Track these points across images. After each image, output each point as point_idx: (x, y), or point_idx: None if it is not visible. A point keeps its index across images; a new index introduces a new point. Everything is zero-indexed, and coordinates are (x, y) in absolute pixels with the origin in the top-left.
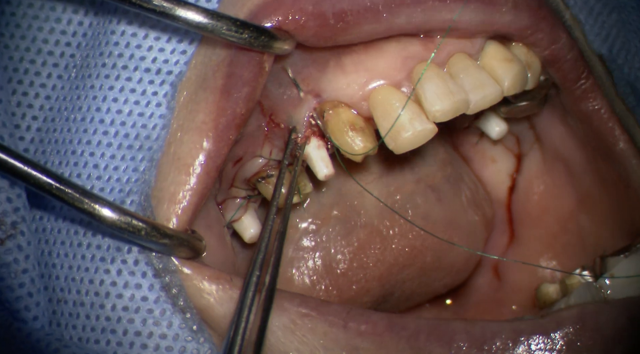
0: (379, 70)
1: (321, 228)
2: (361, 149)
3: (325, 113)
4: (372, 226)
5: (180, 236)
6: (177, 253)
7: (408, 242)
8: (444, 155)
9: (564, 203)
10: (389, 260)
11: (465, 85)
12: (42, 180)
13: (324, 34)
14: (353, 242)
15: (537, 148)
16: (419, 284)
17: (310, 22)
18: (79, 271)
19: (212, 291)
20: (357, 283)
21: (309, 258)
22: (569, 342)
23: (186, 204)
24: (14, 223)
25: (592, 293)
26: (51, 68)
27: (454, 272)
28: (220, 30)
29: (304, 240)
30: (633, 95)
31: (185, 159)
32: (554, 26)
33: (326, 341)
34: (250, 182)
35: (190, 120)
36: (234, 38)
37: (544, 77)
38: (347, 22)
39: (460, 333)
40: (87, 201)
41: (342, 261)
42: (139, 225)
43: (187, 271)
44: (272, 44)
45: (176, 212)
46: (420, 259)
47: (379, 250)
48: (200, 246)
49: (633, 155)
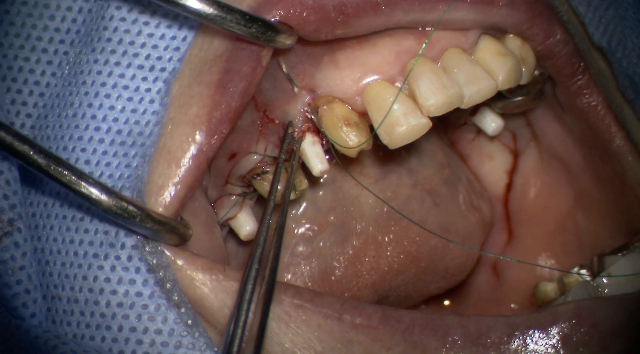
0: (373, 65)
1: (318, 235)
2: (355, 144)
3: (320, 108)
4: (368, 234)
5: (171, 223)
6: (167, 239)
7: (403, 249)
8: (442, 157)
9: (561, 201)
10: (382, 267)
11: (459, 79)
12: (40, 161)
13: (325, 27)
14: (348, 250)
15: (533, 145)
16: (413, 288)
17: (311, 16)
18: (72, 268)
19: (205, 281)
20: (349, 290)
21: (305, 264)
22: (564, 337)
23: (173, 195)
24: (10, 220)
25: (589, 291)
26: (45, 66)
27: (448, 276)
28: (227, 23)
29: (300, 246)
30: (632, 88)
31: (175, 152)
32: (549, 21)
33: (320, 333)
34: (246, 179)
35: (182, 113)
36: (240, 31)
37: (538, 71)
38: (347, 15)
39: (455, 326)
40: (83, 185)
41: (337, 269)
42: (134, 211)
43: (179, 262)
44: (276, 39)
45: (164, 203)
46: (415, 265)
47: (373, 258)
48: (187, 233)
49: (629, 152)
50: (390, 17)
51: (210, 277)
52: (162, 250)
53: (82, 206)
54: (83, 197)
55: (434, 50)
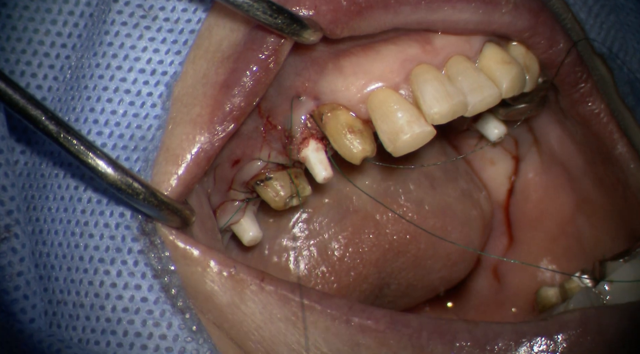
0: (377, 73)
1: (313, 216)
2: (360, 152)
3: (324, 115)
4: (365, 212)
5: (174, 204)
6: (169, 221)
7: (402, 227)
8: (438, 147)
9: (563, 206)
10: (383, 245)
11: (463, 87)
12: (51, 127)
13: (340, 18)
14: (347, 227)
15: (535, 151)
16: (415, 275)
17: (323, 7)
18: (78, 273)
19: (215, 277)
20: (355, 269)
21: (304, 247)
22: (571, 344)
23: (169, 191)
24: (7, 226)
25: (591, 298)
26: (47, 70)
27: (450, 263)
28: (254, 10)
29: (296, 229)
30: (632, 95)
31: (174, 150)
32: (553, 30)
33: (327, 335)
34: (249, 185)
35: (184, 113)
36: (266, 20)
37: (542, 79)
38: (359, 5)
39: (463, 332)
40: (91, 156)
41: (337, 248)
42: (138, 188)
43: (195, 253)
44: (302, 33)
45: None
46: (415, 245)
47: (373, 234)
48: (189, 216)
49: (631, 159)
50: (397, 14)
51: (221, 273)
52: (175, 242)
53: (87, 211)
54: (89, 168)
55: (439, 58)
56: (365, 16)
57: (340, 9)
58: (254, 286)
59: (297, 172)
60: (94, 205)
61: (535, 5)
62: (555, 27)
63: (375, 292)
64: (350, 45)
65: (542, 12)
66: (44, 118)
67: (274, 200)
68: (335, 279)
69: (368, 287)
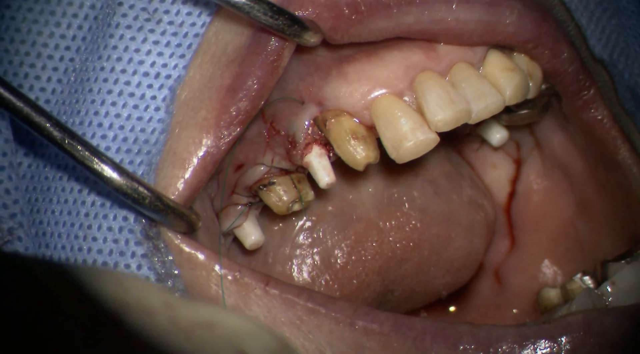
0: (381, 79)
1: (317, 224)
2: (363, 158)
3: (327, 121)
4: (369, 219)
5: (180, 209)
6: (175, 226)
7: (405, 235)
8: (443, 153)
9: (564, 209)
10: (386, 252)
11: (467, 94)
12: (55, 133)
13: (340, 25)
14: (350, 235)
15: (536, 154)
16: (418, 282)
17: (325, 14)
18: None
19: (219, 282)
20: (357, 277)
21: (307, 255)
22: (574, 347)
23: (176, 196)
24: (10, 229)
25: (593, 300)
26: (51, 72)
27: (453, 270)
28: (254, 12)
29: (300, 237)
30: (633, 101)
31: (181, 154)
32: (556, 40)
33: (332, 339)
34: (252, 189)
35: (191, 117)
36: (267, 22)
37: (545, 85)
38: (361, 13)
39: (467, 335)
40: (96, 161)
41: (341, 256)
42: (144, 193)
43: (201, 257)
44: (302, 34)
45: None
46: (418, 253)
47: (376, 242)
48: (195, 221)
49: (634, 164)
50: (400, 25)
51: (225, 277)
52: (181, 246)
53: (90, 214)
54: (95, 174)
55: (443, 65)
56: (366, 25)
57: (342, 16)
58: (258, 290)
59: (300, 177)
60: (97, 208)
61: (539, 15)
62: (559, 37)
63: (378, 299)
64: (354, 51)
65: (545, 23)
66: (49, 125)
67: (276, 205)
68: (338, 287)
69: (371, 294)
